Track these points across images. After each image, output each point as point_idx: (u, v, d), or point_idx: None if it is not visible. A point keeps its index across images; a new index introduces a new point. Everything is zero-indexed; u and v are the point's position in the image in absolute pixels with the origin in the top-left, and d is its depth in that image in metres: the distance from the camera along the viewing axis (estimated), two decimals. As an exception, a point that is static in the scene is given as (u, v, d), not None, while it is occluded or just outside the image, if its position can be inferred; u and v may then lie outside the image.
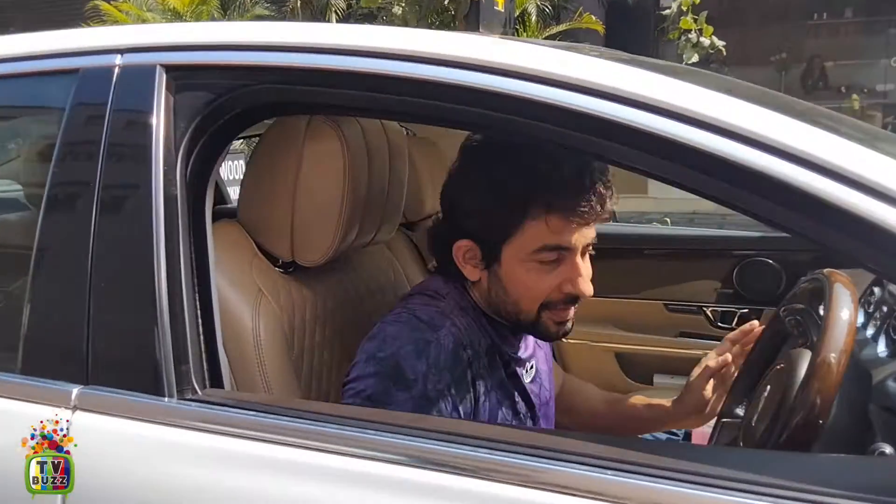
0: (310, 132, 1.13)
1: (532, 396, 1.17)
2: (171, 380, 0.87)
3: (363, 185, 1.18)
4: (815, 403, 0.93)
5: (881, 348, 1.33)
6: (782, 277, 2.29)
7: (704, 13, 6.98)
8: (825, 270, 1.14)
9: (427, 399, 0.96)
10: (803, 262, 2.25)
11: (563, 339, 2.43)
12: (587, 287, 1.04)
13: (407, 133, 2.59)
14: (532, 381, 1.20)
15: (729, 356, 1.24)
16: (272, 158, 1.15)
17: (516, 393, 1.14)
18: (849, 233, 0.75)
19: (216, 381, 0.94)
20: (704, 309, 2.39)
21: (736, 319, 2.37)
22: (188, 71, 1.00)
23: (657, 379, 2.45)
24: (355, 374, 1.00)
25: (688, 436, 1.58)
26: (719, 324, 2.39)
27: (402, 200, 1.39)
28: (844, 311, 0.99)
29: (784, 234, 2.27)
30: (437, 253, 1.13)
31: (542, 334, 1.11)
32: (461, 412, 1.00)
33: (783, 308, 1.25)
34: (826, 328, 0.98)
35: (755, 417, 1.14)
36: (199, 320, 0.93)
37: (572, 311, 1.07)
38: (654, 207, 6.41)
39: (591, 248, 1.06)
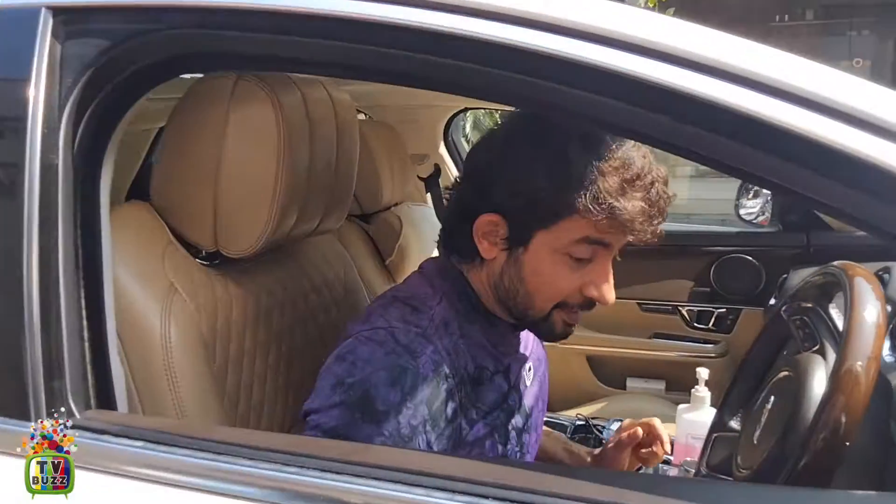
0: (236, 95, 0.94)
1: (529, 404, 1.05)
2: (40, 399, 0.67)
3: (303, 162, 1.00)
4: (839, 422, 0.79)
5: (886, 352, 1.19)
6: (762, 275, 2.19)
7: (671, 10, 6.93)
8: (839, 263, 0.99)
9: (399, 435, 0.81)
10: (784, 258, 2.15)
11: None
12: (611, 294, 0.94)
13: (365, 117, 2.44)
14: (532, 383, 1.08)
15: (639, 430, 1.18)
16: (191, 127, 0.95)
17: (515, 408, 1.00)
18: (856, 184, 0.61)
19: (106, 401, 0.75)
20: (680, 309, 2.29)
21: (713, 319, 2.27)
22: (80, 14, 0.81)
23: (630, 383, 2.34)
24: (318, 405, 0.84)
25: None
26: (695, 324, 2.29)
27: (353, 183, 1.21)
28: (870, 311, 0.85)
29: (764, 230, 2.18)
30: (452, 223, 0.98)
31: (545, 333, 0.99)
32: (437, 451, 0.85)
33: (785, 307, 1.10)
34: (850, 331, 0.83)
35: (757, 433, 0.99)
36: (85, 324, 0.74)
37: (581, 314, 0.96)
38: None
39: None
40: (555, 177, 0.87)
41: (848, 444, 0.78)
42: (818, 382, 0.90)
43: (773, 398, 1.00)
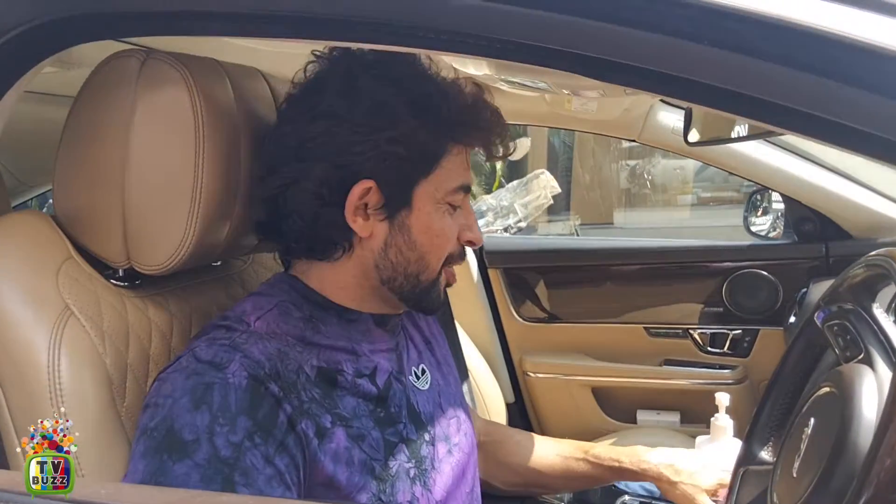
0: (144, 76, 0.78)
1: (427, 410, 0.93)
2: None
3: (231, 161, 0.84)
4: (908, 443, 0.60)
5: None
6: (779, 291, 2.03)
7: None
8: (885, 251, 0.81)
9: (219, 460, 0.68)
10: (802, 271, 1.99)
11: (530, 374, 2.18)
12: (480, 234, 0.92)
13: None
14: (430, 388, 0.96)
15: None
16: (93, 117, 0.79)
17: (398, 416, 0.87)
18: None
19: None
20: (692, 332, 2.12)
21: (728, 342, 2.09)
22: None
23: (641, 416, 2.16)
24: (129, 464, 0.72)
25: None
26: (709, 348, 2.12)
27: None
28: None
29: (778, 242, 2.01)
30: (298, 223, 0.84)
31: (433, 302, 0.91)
32: (280, 465, 0.72)
33: (819, 312, 0.93)
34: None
35: (796, 465, 0.82)
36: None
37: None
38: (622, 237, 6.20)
39: None
40: (422, 112, 0.81)
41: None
42: (869, 397, 0.75)
43: (812, 420, 0.83)
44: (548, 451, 1.22)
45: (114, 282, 0.84)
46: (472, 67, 1.17)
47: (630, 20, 0.56)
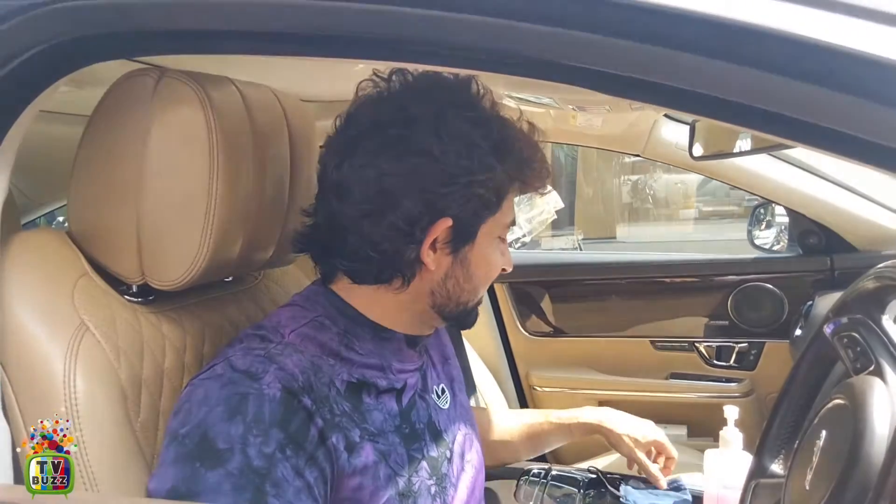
0: (160, 95, 0.79)
1: (448, 429, 0.94)
2: None
3: (245, 177, 0.85)
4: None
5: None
6: (784, 304, 2.03)
7: None
8: (894, 262, 0.82)
9: (251, 470, 0.69)
10: (807, 284, 1.99)
11: (537, 388, 2.17)
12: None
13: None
14: (450, 406, 0.98)
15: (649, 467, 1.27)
16: (108, 135, 0.80)
17: (421, 433, 0.89)
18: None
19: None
20: (697, 345, 2.12)
21: (734, 355, 2.08)
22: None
23: (648, 430, 2.12)
24: (154, 473, 0.73)
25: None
26: (715, 361, 2.11)
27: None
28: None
29: (783, 255, 2.02)
30: (382, 235, 0.82)
31: (472, 319, 0.94)
32: (310, 478, 0.72)
33: (829, 323, 0.93)
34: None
35: (809, 477, 0.82)
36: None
37: None
38: (625, 251, 6.20)
39: None
40: (504, 157, 0.84)
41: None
42: (881, 409, 0.75)
43: (824, 433, 0.82)
44: (513, 422, 1.32)
45: (127, 297, 0.85)
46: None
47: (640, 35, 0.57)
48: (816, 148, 0.59)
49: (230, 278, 1.03)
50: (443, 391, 0.98)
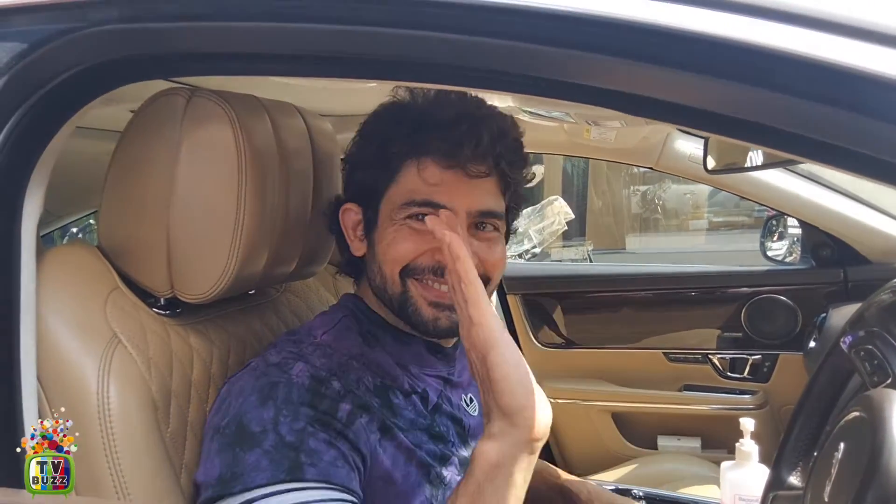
0: (190, 114, 0.81)
1: (475, 434, 0.94)
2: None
3: (272, 193, 0.87)
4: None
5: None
6: (798, 316, 2.04)
7: None
8: (911, 276, 0.83)
9: (285, 445, 0.73)
10: (820, 296, 1.99)
11: (550, 399, 2.17)
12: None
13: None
14: (478, 414, 0.97)
15: None
16: (140, 152, 0.83)
17: (447, 435, 0.90)
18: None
19: (17, 477, 0.60)
20: (711, 357, 2.12)
21: (748, 367, 2.08)
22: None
23: (662, 441, 2.15)
24: (201, 466, 0.78)
25: None
26: (729, 373, 2.11)
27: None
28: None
29: (796, 267, 2.03)
30: (333, 232, 0.98)
31: (415, 320, 0.88)
32: (343, 448, 0.76)
33: (845, 336, 0.94)
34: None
35: (828, 489, 0.82)
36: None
37: (445, 290, 0.86)
38: (635, 262, 6.19)
39: (487, 223, 0.89)
40: (375, 134, 0.91)
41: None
42: (900, 419, 0.74)
43: (842, 445, 0.83)
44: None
45: (156, 310, 0.87)
46: (497, 100, 1.20)
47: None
48: (827, 165, 0.60)
49: (253, 291, 1.05)
50: (471, 400, 0.99)
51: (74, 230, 2.68)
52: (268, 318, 1.05)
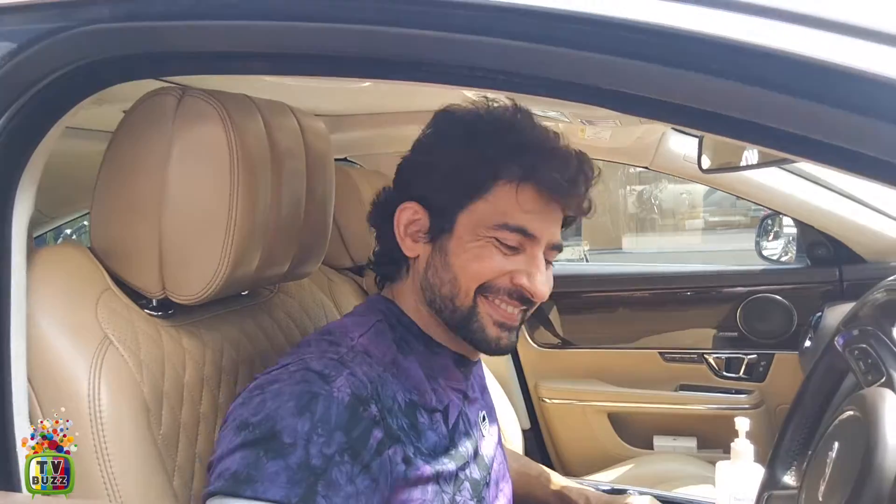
0: (182, 113, 0.81)
1: (488, 455, 0.95)
2: None
3: (264, 194, 0.87)
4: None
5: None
6: (793, 315, 2.03)
7: None
8: (904, 275, 0.83)
9: (308, 469, 0.70)
10: (815, 295, 1.99)
11: (546, 399, 2.18)
12: (542, 287, 0.88)
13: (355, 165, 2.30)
14: (489, 432, 0.99)
15: None
16: (131, 152, 0.82)
17: (468, 456, 0.89)
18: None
19: (7, 480, 0.59)
20: (707, 357, 2.12)
21: (744, 367, 2.08)
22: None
23: (658, 441, 2.15)
24: (220, 452, 0.73)
25: None
26: (724, 373, 2.11)
27: (327, 226, 1.07)
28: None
29: (791, 266, 2.02)
30: (376, 226, 0.94)
31: (478, 337, 0.88)
32: (361, 486, 0.73)
33: (840, 335, 0.94)
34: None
35: (822, 489, 0.82)
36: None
37: (518, 315, 0.89)
38: (631, 261, 6.20)
39: (552, 257, 0.92)
40: (472, 143, 0.85)
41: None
42: (893, 421, 0.75)
43: (836, 444, 0.83)
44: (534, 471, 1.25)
45: (148, 311, 0.86)
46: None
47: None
48: (821, 163, 0.60)
49: (246, 292, 1.04)
50: (483, 418, 0.98)
51: (68, 231, 2.67)
52: (261, 320, 1.04)
